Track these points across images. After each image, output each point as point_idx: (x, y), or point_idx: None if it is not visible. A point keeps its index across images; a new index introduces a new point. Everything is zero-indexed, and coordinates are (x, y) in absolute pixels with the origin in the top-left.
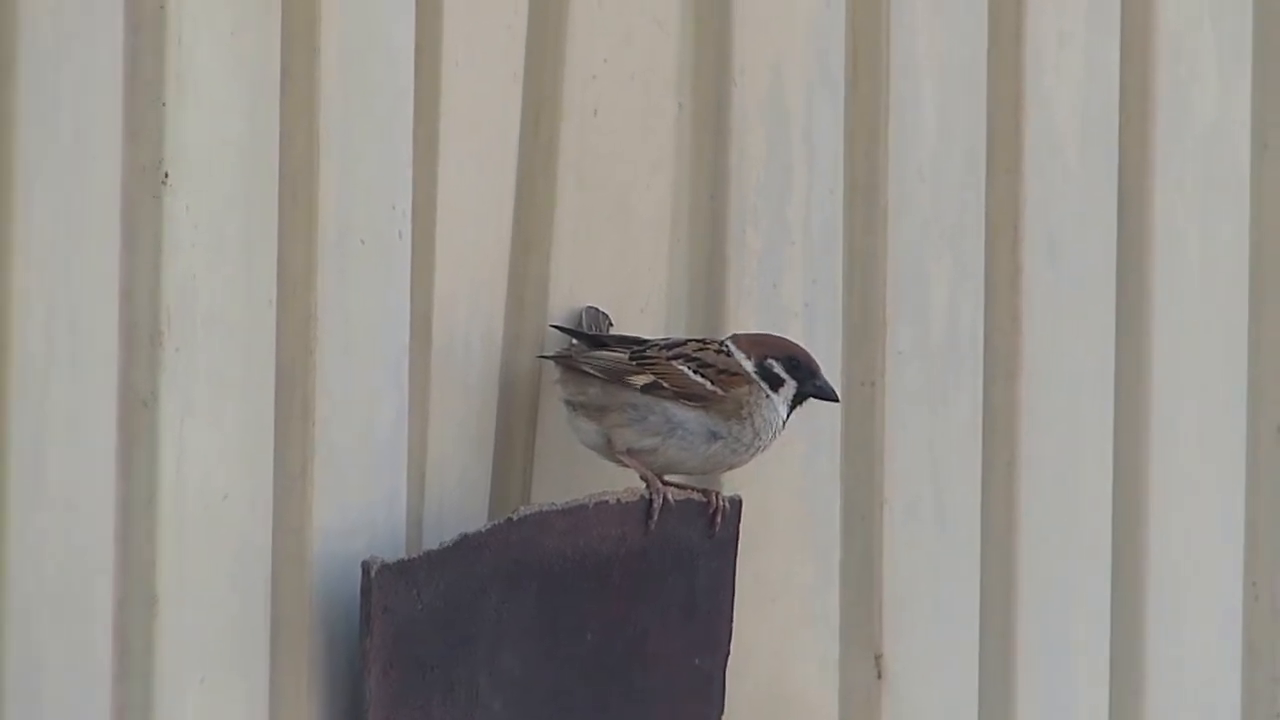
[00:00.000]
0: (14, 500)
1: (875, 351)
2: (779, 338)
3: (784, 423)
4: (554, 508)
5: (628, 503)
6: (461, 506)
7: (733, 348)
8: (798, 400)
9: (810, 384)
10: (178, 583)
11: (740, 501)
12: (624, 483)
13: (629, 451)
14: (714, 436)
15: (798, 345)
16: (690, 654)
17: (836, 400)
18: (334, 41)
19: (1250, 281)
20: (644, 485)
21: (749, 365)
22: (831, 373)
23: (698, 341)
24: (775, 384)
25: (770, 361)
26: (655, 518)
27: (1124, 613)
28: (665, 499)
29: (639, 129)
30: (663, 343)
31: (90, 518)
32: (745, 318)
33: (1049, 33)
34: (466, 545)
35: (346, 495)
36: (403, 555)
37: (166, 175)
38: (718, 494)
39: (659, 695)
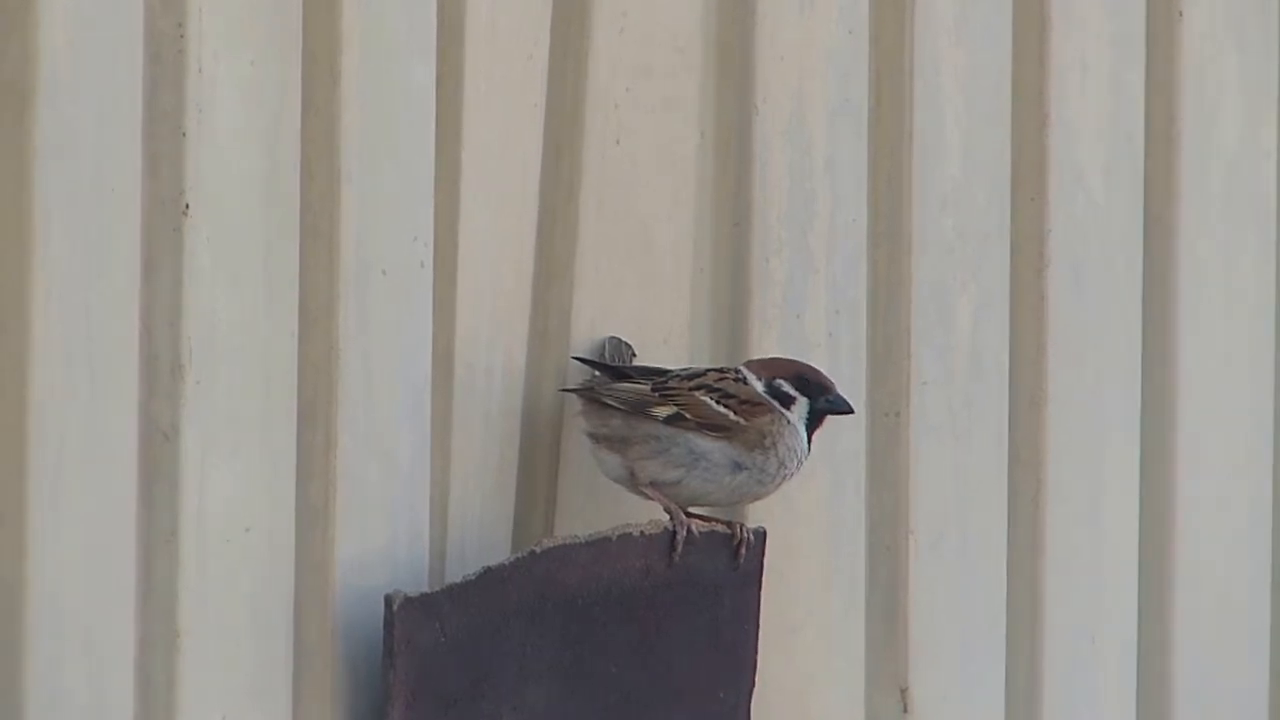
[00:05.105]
0: (35, 534)
1: (899, 381)
2: (788, 359)
3: (808, 445)
4: (577, 540)
5: (651, 535)
6: (484, 539)
7: (746, 373)
8: (814, 418)
9: (822, 399)
10: (200, 617)
11: (764, 533)
12: (647, 514)
13: (652, 484)
14: (738, 467)
15: (807, 364)
16: (715, 686)
17: (851, 411)
18: (355, 71)
19: (1277, 308)
20: (667, 517)
21: (760, 387)
22: (855, 403)
23: (716, 371)
24: (786, 403)
25: (779, 382)
26: (679, 550)
27: (1152, 644)
28: (689, 531)
29: (661, 158)
30: (684, 373)
31: (111, 551)
32: (768, 348)
33: (1073, 59)
34: (490, 578)
35: (369, 528)
36: (425, 588)
37: (187, 206)
38: (742, 525)
39: None
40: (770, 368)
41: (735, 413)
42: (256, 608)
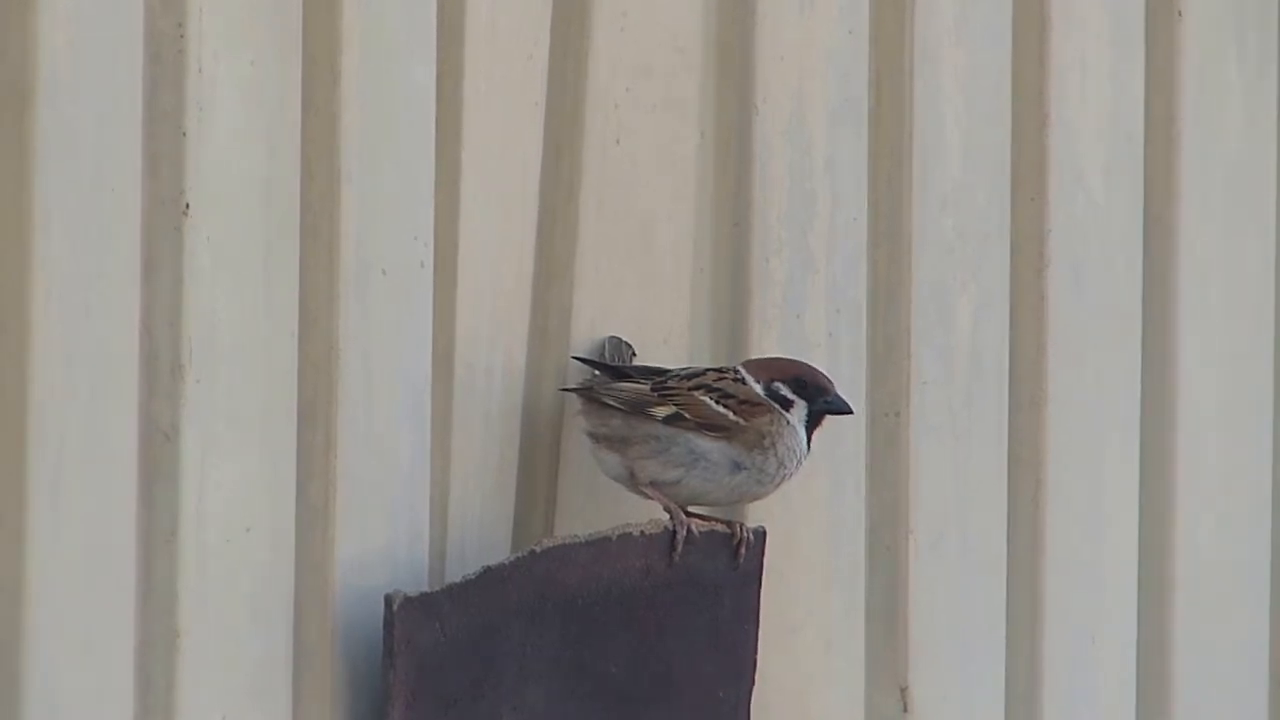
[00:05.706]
0: (35, 534)
1: (899, 381)
2: (787, 360)
3: (807, 446)
4: (577, 540)
5: (651, 534)
6: (484, 539)
7: (745, 374)
8: (813, 420)
9: (820, 401)
10: (200, 617)
11: (764, 532)
12: (647, 514)
13: (652, 484)
14: (737, 467)
15: (805, 365)
16: (715, 686)
17: (850, 412)
18: (355, 71)
19: (1276, 309)
20: (667, 517)
21: (758, 389)
22: (855, 403)
23: (715, 371)
24: (786, 406)
25: (777, 385)
26: (679, 549)
27: (1151, 643)
28: (689, 530)
29: (661, 158)
30: (683, 373)
31: (111, 551)
32: (768, 348)
33: (1073, 59)
34: (490, 578)
35: (369, 528)
36: (425, 588)
37: (187, 206)
38: (742, 525)
39: None
40: (769, 369)
41: (735, 413)
42: (256, 608)
